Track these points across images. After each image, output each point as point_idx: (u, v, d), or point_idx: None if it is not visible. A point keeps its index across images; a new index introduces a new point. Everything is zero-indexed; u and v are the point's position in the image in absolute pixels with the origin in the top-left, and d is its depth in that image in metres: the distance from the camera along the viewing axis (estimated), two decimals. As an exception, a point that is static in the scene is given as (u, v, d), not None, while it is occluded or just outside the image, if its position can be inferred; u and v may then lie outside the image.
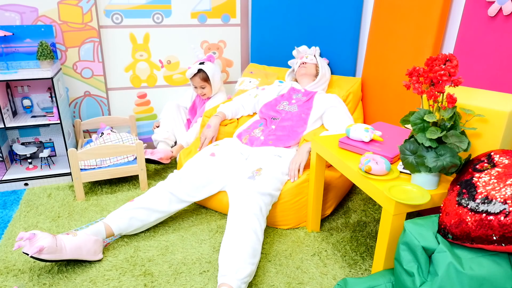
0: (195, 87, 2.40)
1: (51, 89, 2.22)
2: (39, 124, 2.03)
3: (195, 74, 2.34)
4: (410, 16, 1.79)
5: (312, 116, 1.94)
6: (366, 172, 1.23)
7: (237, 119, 2.17)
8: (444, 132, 1.09)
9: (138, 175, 2.18)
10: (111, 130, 2.31)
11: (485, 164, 1.05)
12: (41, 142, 2.32)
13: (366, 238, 1.68)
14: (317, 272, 1.47)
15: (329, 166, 1.86)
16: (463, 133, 1.11)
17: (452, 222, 0.98)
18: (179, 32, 2.46)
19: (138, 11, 2.33)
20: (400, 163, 1.31)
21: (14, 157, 2.27)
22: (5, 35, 2.01)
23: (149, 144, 2.60)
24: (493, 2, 1.40)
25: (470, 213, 0.95)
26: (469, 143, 1.09)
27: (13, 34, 2.05)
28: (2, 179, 2.06)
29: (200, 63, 2.36)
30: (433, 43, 1.68)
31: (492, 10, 1.41)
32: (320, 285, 1.41)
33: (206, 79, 2.36)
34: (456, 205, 1.00)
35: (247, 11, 2.56)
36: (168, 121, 2.41)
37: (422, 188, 1.15)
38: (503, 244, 0.89)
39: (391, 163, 1.32)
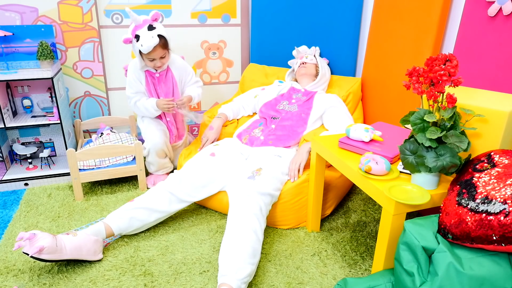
0: (152, 60, 1.92)
1: (51, 89, 2.22)
2: (39, 124, 2.03)
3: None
4: (410, 16, 1.79)
5: (312, 116, 1.94)
6: (366, 172, 1.23)
7: (237, 119, 2.17)
8: (444, 132, 1.09)
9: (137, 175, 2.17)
10: (111, 131, 2.31)
11: (485, 164, 1.05)
12: (41, 142, 2.32)
13: (366, 238, 1.68)
14: (317, 272, 1.47)
15: (329, 166, 1.86)
16: (463, 133, 1.11)
17: (452, 222, 0.98)
18: (179, 32, 2.46)
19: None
20: (400, 163, 1.31)
21: (14, 157, 2.27)
22: (5, 35, 2.01)
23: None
24: (493, 2, 1.40)
25: (470, 213, 0.95)
26: (469, 143, 1.09)
27: (13, 34, 2.05)
28: (2, 179, 2.06)
29: (150, 29, 1.86)
30: (433, 43, 1.68)
31: (492, 10, 1.41)
32: (320, 285, 1.41)
33: (166, 45, 1.93)
34: (456, 205, 1.00)
35: (247, 11, 2.56)
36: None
37: (422, 188, 1.15)
38: (503, 244, 0.89)
39: (391, 163, 1.32)
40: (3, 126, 1.97)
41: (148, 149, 2.06)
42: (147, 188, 2.12)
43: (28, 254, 1.31)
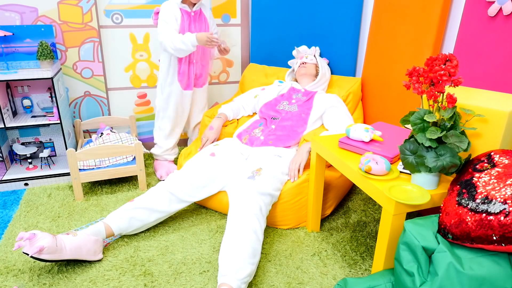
0: None
1: (51, 89, 2.22)
2: (39, 124, 2.03)
3: None
4: (410, 16, 1.79)
5: (312, 116, 1.94)
6: (366, 172, 1.23)
7: (237, 119, 2.18)
8: (444, 132, 1.09)
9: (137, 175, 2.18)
10: (111, 130, 2.31)
11: (485, 164, 1.05)
12: (41, 142, 2.32)
13: (366, 238, 1.68)
14: (317, 272, 1.47)
15: (329, 166, 1.86)
16: (463, 133, 1.11)
17: (452, 222, 0.98)
18: (179, 32, 2.46)
19: (138, 11, 2.33)
20: (400, 163, 1.31)
21: (14, 157, 2.27)
22: (5, 35, 2.01)
23: (148, 144, 2.60)
24: (493, 2, 1.40)
25: (470, 213, 0.95)
26: (469, 143, 1.09)
27: (13, 34, 2.05)
28: (2, 179, 2.06)
29: None
30: (433, 43, 1.68)
31: (492, 10, 1.41)
32: (320, 285, 1.41)
33: None
34: (456, 205, 1.00)
35: (247, 11, 2.56)
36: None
37: (422, 188, 1.15)
38: (503, 244, 0.89)
39: (391, 163, 1.32)
40: (3, 126, 1.97)
41: (168, 117, 2.17)
42: (160, 179, 2.21)
43: (28, 254, 1.31)
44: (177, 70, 2.11)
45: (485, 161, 1.06)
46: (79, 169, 1.98)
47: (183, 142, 2.70)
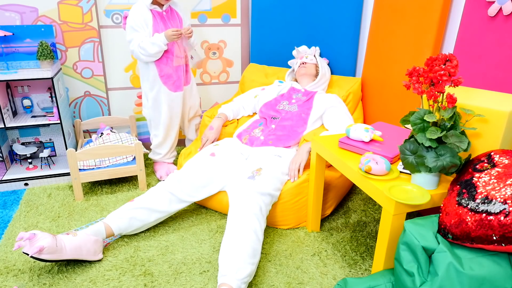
0: None
1: (51, 89, 2.22)
2: (39, 124, 2.03)
3: None
4: (410, 16, 1.79)
5: (312, 116, 1.94)
6: (366, 172, 1.23)
7: (237, 119, 2.17)
8: (444, 132, 1.09)
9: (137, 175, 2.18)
10: (111, 130, 2.31)
11: (485, 164, 1.05)
12: (41, 142, 2.32)
13: (366, 238, 1.68)
14: (317, 272, 1.47)
15: (329, 166, 1.86)
16: (463, 133, 1.11)
17: (452, 222, 0.98)
18: (179, 32, 2.46)
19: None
20: (400, 163, 1.31)
21: (14, 157, 2.27)
22: (5, 35, 2.01)
23: (148, 144, 2.60)
24: (493, 2, 1.40)
25: (470, 213, 0.95)
26: (469, 143, 1.09)
27: (13, 34, 2.05)
28: (2, 179, 2.06)
29: None
30: (433, 43, 1.68)
31: (492, 10, 1.41)
32: (320, 285, 1.41)
33: None
34: (456, 205, 1.00)
35: (247, 11, 2.56)
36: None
37: (422, 188, 1.15)
38: (503, 244, 0.89)
39: (391, 163, 1.32)
40: (3, 126, 1.97)
41: (161, 121, 2.14)
42: (159, 179, 2.20)
43: (28, 254, 1.31)
44: (157, 73, 2.05)
45: (485, 161, 1.06)
46: (79, 169, 1.98)
47: (182, 142, 2.70)
